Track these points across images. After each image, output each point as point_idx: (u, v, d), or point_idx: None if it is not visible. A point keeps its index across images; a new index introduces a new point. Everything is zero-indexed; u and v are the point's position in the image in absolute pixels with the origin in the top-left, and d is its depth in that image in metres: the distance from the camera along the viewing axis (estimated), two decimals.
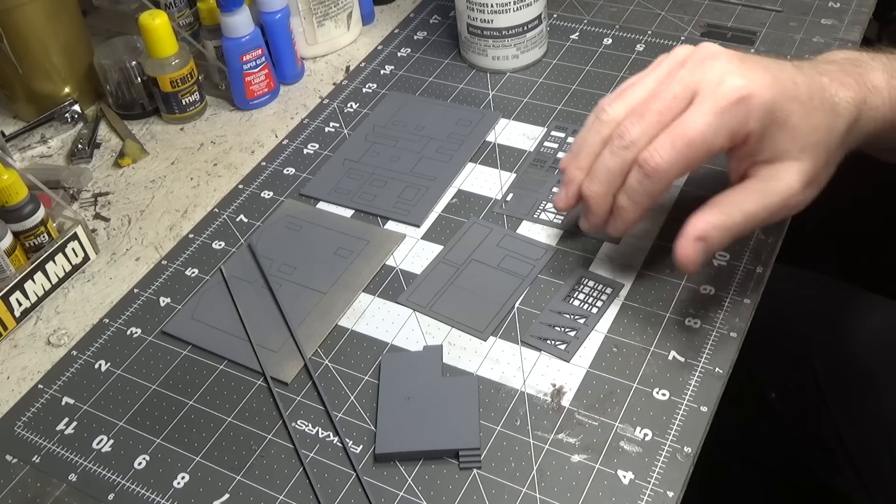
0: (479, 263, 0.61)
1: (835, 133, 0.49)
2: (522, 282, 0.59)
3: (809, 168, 0.49)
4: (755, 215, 0.49)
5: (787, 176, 0.49)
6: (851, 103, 0.50)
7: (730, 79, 0.48)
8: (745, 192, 0.50)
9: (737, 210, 0.49)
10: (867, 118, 0.51)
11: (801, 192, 0.49)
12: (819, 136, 0.49)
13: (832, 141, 0.49)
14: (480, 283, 0.59)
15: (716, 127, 0.47)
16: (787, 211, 0.50)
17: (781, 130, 0.48)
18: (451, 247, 0.62)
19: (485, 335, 0.56)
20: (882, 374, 0.71)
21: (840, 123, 0.49)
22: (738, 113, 0.47)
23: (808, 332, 0.76)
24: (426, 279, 0.60)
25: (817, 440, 0.73)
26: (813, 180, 0.50)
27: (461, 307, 0.58)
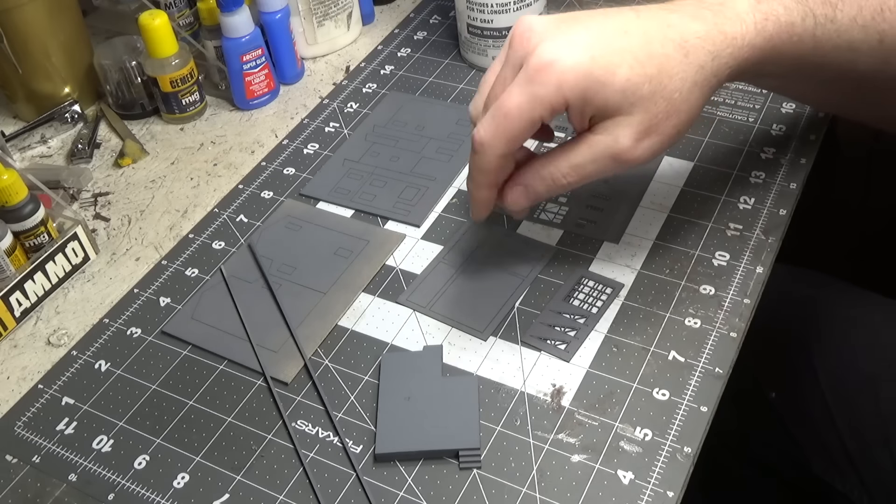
0: (479, 263, 0.61)
1: (681, 75, 0.48)
2: (522, 282, 0.59)
3: (641, 121, 0.48)
4: (583, 167, 0.50)
5: (616, 130, 0.49)
6: (704, 37, 0.49)
7: (539, 49, 0.48)
8: (577, 145, 0.50)
9: (566, 163, 0.50)
10: (728, 48, 0.49)
11: (632, 146, 0.49)
12: (653, 87, 0.48)
13: (675, 85, 0.48)
14: (480, 283, 0.59)
15: (527, 97, 0.48)
16: (623, 164, 0.49)
17: (604, 88, 0.48)
18: (451, 247, 0.62)
19: (485, 335, 0.56)
20: (882, 373, 0.71)
21: (690, 63, 0.48)
22: (546, 81, 0.47)
23: (809, 332, 0.76)
24: (426, 279, 0.60)
25: (817, 440, 0.73)
26: (648, 131, 0.49)
27: (461, 307, 0.58)
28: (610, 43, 0.48)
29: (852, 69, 0.53)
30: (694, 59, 0.49)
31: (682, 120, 0.50)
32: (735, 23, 0.49)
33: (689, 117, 0.50)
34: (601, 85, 0.47)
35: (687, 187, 0.64)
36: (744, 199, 0.63)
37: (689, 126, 0.51)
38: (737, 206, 0.62)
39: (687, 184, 0.65)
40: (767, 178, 0.64)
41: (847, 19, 0.51)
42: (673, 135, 0.50)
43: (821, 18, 0.51)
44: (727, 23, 0.49)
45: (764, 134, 0.68)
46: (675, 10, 0.50)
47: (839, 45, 0.51)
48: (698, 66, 0.49)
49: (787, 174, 0.64)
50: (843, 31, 0.51)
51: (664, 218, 0.62)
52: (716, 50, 0.49)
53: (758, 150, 0.67)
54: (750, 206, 0.62)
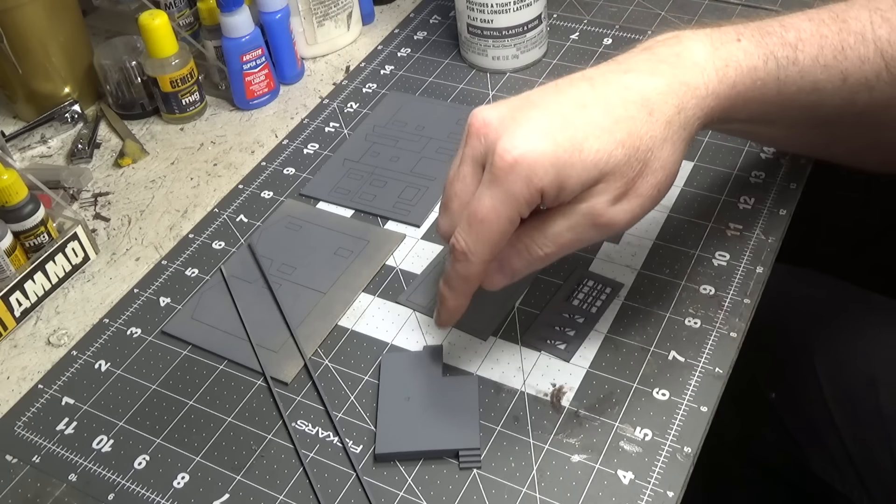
0: None
1: (650, 134, 0.46)
2: (522, 282, 0.59)
3: (617, 186, 0.46)
4: (560, 236, 0.48)
5: (592, 198, 0.46)
6: (666, 92, 0.47)
7: (500, 144, 0.45)
8: (552, 213, 0.48)
9: (539, 233, 0.48)
10: (693, 99, 0.47)
11: (608, 209, 0.47)
12: (626, 150, 0.46)
13: (646, 145, 0.46)
14: None
15: (501, 198, 0.46)
16: (602, 228, 0.47)
17: (575, 168, 0.45)
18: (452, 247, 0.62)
19: (485, 335, 0.56)
20: (882, 373, 0.71)
21: (655, 120, 0.46)
22: (515, 179, 0.45)
23: (809, 332, 0.76)
24: (426, 279, 0.60)
25: (817, 440, 0.73)
26: (625, 193, 0.47)
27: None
28: (570, 121, 0.46)
29: (818, 109, 0.52)
30: (659, 115, 0.47)
31: (659, 179, 0.47)
32: (695, 73, 0.48)
33: (666, 175, 0.48)
34: (571, 166, 0.45)
35: (687, 187, 0.64)
36: (744, 199, 0.63)
37: (668, 185, 0.48)
38: (737, 206, 0.62)
39: (687, 184, 0.65)
40: (767, 178, 0.64)
41: (809, 60, 0.50)
42: (653, 195, 0.48)
43: (783, 61, 0.49)
44: (687, 73, 0.48)
45: None
46: (630, 69, 0.48)
47: (803, 87, 0.50)
48: (665, 122, 0.47)
49: (787, 174, 0.64)
50: (806, 72, 0.50)
51: (664, 218, 0.62)
52: (680, 103, 0.47)
53: (758, 150, 0.67)
54: (750, 206, 0.62)
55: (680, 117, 0.47)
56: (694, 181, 0.65)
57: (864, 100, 0.52)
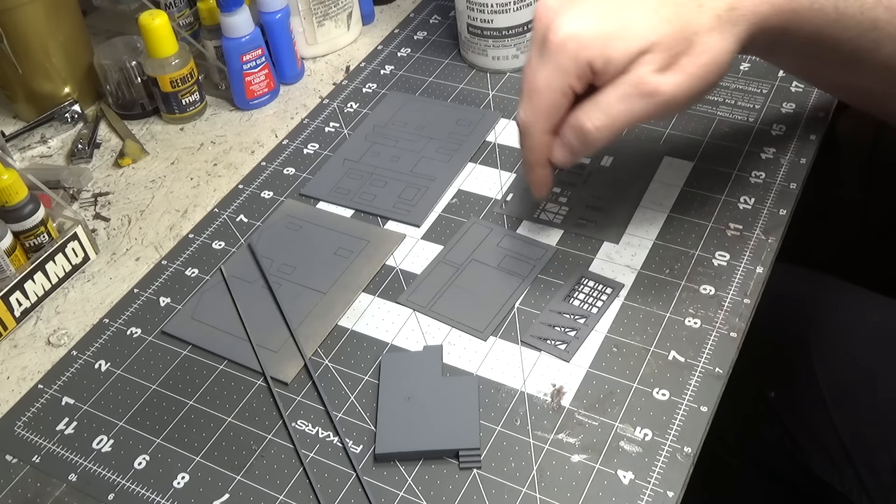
0: (479, 263, 0.61)
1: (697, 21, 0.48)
2: (522, 282, 0.59)
3: (662, 57, 0.48)
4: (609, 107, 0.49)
5: (637, 67, 0.49)
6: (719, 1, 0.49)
7: (555, 23, 0.50)
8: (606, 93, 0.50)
9: (591, 105, 0.50)
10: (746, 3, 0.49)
11: (654, 76, 0.48)
12: (672, 26, 0.48)
13: (693, 28, 0.48)
14: (480, 283, 0.59)
15: (553, 71, 0.50)
16: (650, 96, 0.49)
17: (621, 39, 0.48)
18: (451, 247, 0.62)
19: (485, 335, 0.56)
20: (881, 373, 0.71)
21: (704, 11, 0.48)
22: (564, 51, 0.49)
23: (808, 332, 0.76)
24: (426, 279, 0.60)
25: (817, 440, 0.73)
26: (669, 64, 0.48)
27: (461, 307, 0.58)
28: (621, 5, 0.49)
29: (875, 50, 0.52)
30: (708, 8, 0.49)
31: (705, 61, 0.49)
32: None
33: (714, 60, 0.49)
34: (617, 38, 0.48)
35: (687, 187, 0.64)
36: (744, 199, 0.63)
37: (715, 73, 0.49)
38: (737, 206, 0.62)
39: (687, 184, 0.65)
40: (767, 178, 0.64)
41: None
42: (699, 75, 0.49)
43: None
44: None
45: (764, 134, 0.68)
46: None
47: (862, 22, 0.51)
48: (714, 15, 0.49)
49: (787, 174, 0.64)
50: (868, 8, 0.51)
51: (664, 218, 0.62)
52: (733, 1, 0.49)
53: (758, 150, 0.67)
54: (750, 206, 0.62)
55: (731, 14, 0.49)
56: (694, 181, 0.65)
57: None
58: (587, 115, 0.50)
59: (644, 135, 0.69)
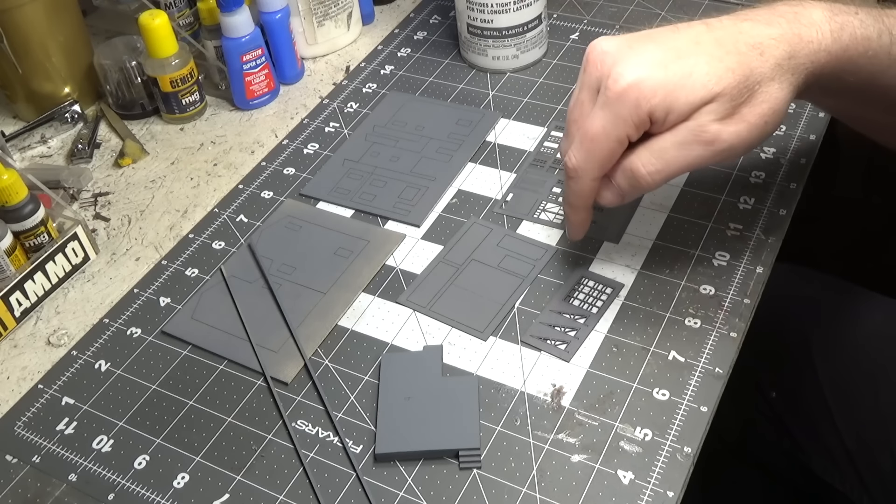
0: (479, 263, 0.61)
1: (759, 70, 0.49)
2: (522, 282, 0.59)
3: (724, 108, 0.48)
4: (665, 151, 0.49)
5: (699, 116, 0.49)
6: (779, 39, 0.49)
7: (615, 70, 0.49)
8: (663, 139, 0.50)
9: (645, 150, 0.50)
10: (804, 52, 0.50)
11: (715, 126, 0.48)
12: (735, 76, 0.48)
13: (755, 78, 0.49)
14: (480, 283, 0.59)
15: (610, 119, 0.49)
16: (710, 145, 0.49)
17: (685, 90, 0.48)
18: (451, 247, 0.62)
19: (485, 335, 0.56)
20: (883, 372, 0.71)
21: (765, 60, 0.49)
22: (626, 100, 0.48)
23: (809, 331, 0.76)
24: (426, 279, 0.60)
25: (818, 439, 0.73)
26: (731, 114, 0.49)
27: (461, 307, 0.58)
28: (682, 52, 0.49)
29: None
30: (770, 57, 0.49)
31: (764, 110, 0.49)
32: (810, 29, 0.50)
33: (773, 109, 0.49)
34: (681, 88, 0.48)
35: (687, 187, 0.64)
36: (744, 199, 0.63)
37: (774, 121, 0.50)
38: (737, 206, 0.62)
39: (687, 184, 0.65)
40: (767, 178, 0.64)
41: None
42: (759, 125, 0.49)
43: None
44: (803, 28, 0.50)
45: None
46: (748, 18, 0.51)
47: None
48: (775, 64, 0.49)
49: (787, 174, 0.64)
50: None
51: (664, 218, 0.62)
52: (792, 50, 0.49)
53: (758, 151, 0.67)
54: (750, 206, 0.62)
55: (790, 63, 0.49)
56: (694, 181, 0.65)
57: None
58: (641, 161, 0.50)
59: None
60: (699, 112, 0.48)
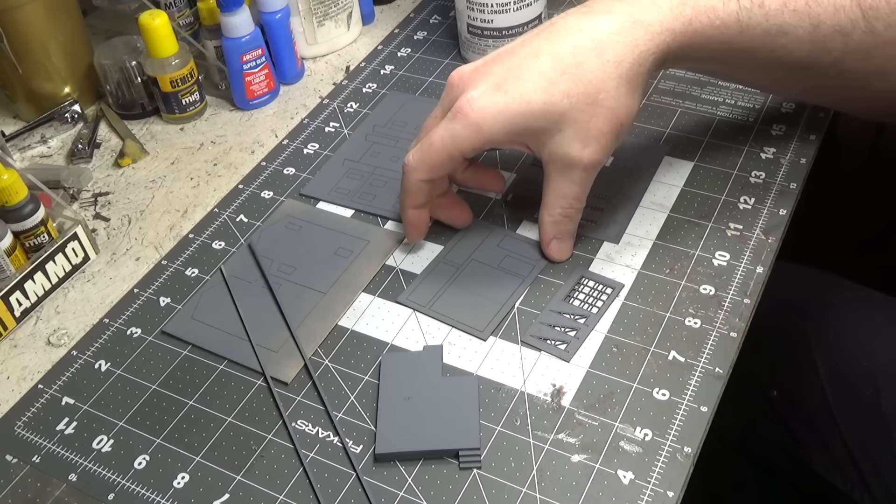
0: (479, 263, 0.61)
1: (600, 76, 0.50)
2: (522, 282, 0.59)
3: (576, 132, 0.52)
4: (573, 192, 0.55)
5: (561, 150, 0.53)
6: (618, 31, 0.51)
7: (464, 95, 0.52)
8: (552, 179, 0.55)
9: (559, 198, 0.56)
10: (646, 35, 0.51)
11: (582, 154, 0.52)
12: (572, 100, 0.51)
13: (595, 88, 0.51)
14: (480, 283, 0.59)
15: (449, 133, 0.53)
16: (592, 170, 0.54)
17: (525, 118, 0.51)
18: (452, 247, 0.62)
19: (484, 335, 0.56)
20: (883, 372, 0.71)
21: (606, 61, 0.50)
22: (465, 122, 0.52)
23: (809, 331, 0.76)
24: (426, 279, 0.60)
25: (818, 439, 0.73)
26: (587, 137, 0.52)
27: (461, 307, 0.58)
28: (522, 73, 0.52)
29: (788, 54, 0.54)
30: (610, 55, 0.51)
31: (618, 115, 0.52)
32: (651, 10, 0.51)
33: (626, 110, 0.52)
34: (520, 117, 0.51)
35: (687, 187, 0.64)
36: (744, 199, 0.63)
37: (630, 116, 0.53)
38: (737, 206, 0.62)
39: (687, 184, 0.65)
40: (767, 178, 0.64)
41: (776, 4, 0.52)
42: (616, 130, 0.52)
43: (745, 3, 0.52)
44: (641, 11, 0.51)
45: (764, 134, 0.68)
46: (589, 10, 0.53)
47: (769, 30, 0.52)
48: (616, 62, 0.51)
49: (787, 174, 0.64)
50: (772, 15, 0.52)
51: (664, 218, 0.62)
52: (633, 41, 0.51)
53: (758, 150, 0.67)
54: (750, 206, 0.62)
55: (633, 54, 0.51)
56: (694, 181, 0.65)
57: (840, 48, 0.53)
58: (562, 206, 0.56)
59: (644, 135, 0.69)
60: (556, 144, 0.52)
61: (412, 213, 0.59)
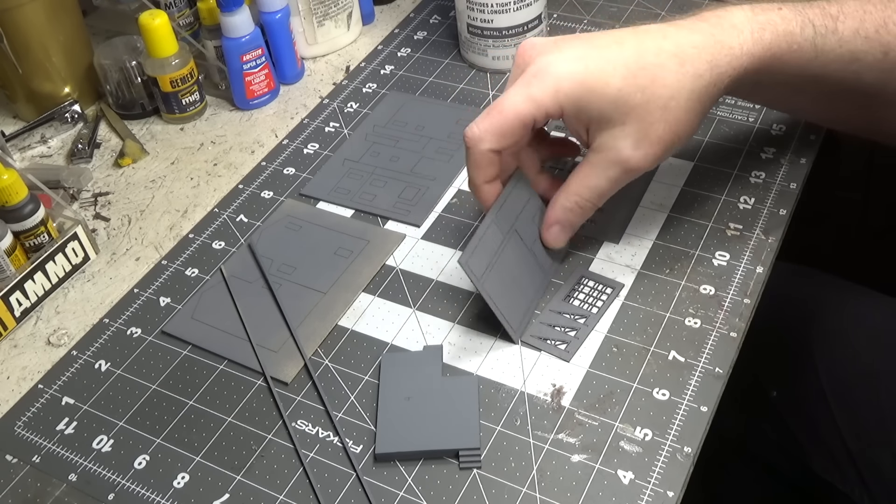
0: (518, 239, 0.56)
1: (676, 84, 0.50)
2: (544, 277, 0.58)
3: (637, 129, 0.51)
4: (600, 188, 0.53)
5: (615, 142, 0.51)
6: (702, 48, 0.51)
7: (538, 59, 0.52)
8: (588, 166, 0.53)
9: (584, 188, 0.54)
10: (726, 58, 0.51)
11: (633, 154, 0.51)
12: (646, 96, 0.50)
13: (669, 93, 0.50)
14: (517, 265, 0.56)
15: (522, 96, 0.51)
16: (631, 171, 0.52)
17: (598, 97, 0.50)
18: (502, 204, 0.55)
19: (517, 336, 0.55)
20: (884, 372, 0.71)
21: (685, 72, 0.50)
22: (542, 84, 0.51)
23: (810, 331, 0.76)
24: (481, 243, 0.54)
25: (819, 439, 0.73)
26: (645, 139, 0.51)
27: (504, 294, 0.54)
28: (604, 54, 0.51)
29: (857, 80, 0.54)
30: (690, 67, 0.51)
31: (680, 128, 0.51)
32: (732, 34, 0.51)
33: (688, 125, 0.52)
34: (594, 94, 0.50)
35: (687, 187, 0.64)
36: (744, 199, 0.63)
37: (689, 134, 0.52)
38: (737, 206, 0.62)
39: (687, 184, 0.65)
40: (767, 178, 0.64)
41: (849, 31, 0.52)
42: (672, 141, 0.52)
43: (820, 28, 0.52)
44: (724, 34, 0.51)
45: (764, 134, 0.68)
46: (673, 24, 0.53)
47: (842, 56, 0.53)
48: (695, 74, 0.51)
49: (787, 174, 0.64)
50: (846, 42, 0.52)
51: (664, 218, 0.62)
52: (713, 59, 0.51)
53: (758, 150, 0.67)
54: (750, 206, 0.62)
55: (711, 73, 0.51)
56: (694, 181, 0.65)
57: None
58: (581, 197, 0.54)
59: None
60: (613, 136, 0.51)
61: (486, 188, 0.54)
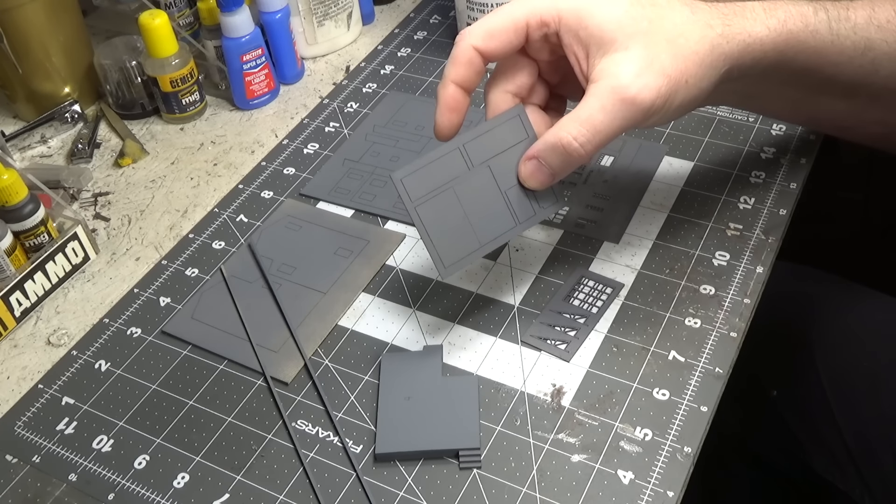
0: (491, 176, 0.51)
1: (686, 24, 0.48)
2: (515, 227, 0.52)
3: (640, 55, 0.47)
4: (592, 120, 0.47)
5: (615, 67, 0.47)
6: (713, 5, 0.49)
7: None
8: (583, 99, 0.48)
9: (573, 120, 0.48)
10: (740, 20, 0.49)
11: (632, 81, 0.46)
12: (653, 26, 0.47)
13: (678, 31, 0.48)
14: (477, 202, 0.51)
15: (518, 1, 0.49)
16: (631, 104, 0.47)
17: (602, 13, 0.47)
18: (477, 136, 0.51)
19: (444, 274, 0.50)
20: (884, 371, 0.71)
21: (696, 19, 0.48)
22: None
23: (810, 330, 0.76)
24: (429, 165, 0.50)
25: (819, 438, 0.73)
26: (648, 66, 0.46)
27: (442, 224, 0.50)
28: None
29: (874, 73, 0.53)
30: (701, 16, 0.48)
31: (689, 69, 0.47)
32: (744, 7, 0.50)
33: (697, 73, 0.48)
34: (596, 15, 0.47)
35: (687, 187, 0.64)
36: (744, 199, 0.63)
37: (698, 86, 0.48)
38: (737, 206, 0.62)
39: (687, 184, 0.65)
40: (767, 178, 0.64)
41: (862, 18, 0.52)
42: (678, 82, 0.47)
43: (833, 13, 0.51)
44: (736, 7, 0.50)
45: (764, 134, 0.68)
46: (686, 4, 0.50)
47: (857, 43, 0.52)
48: (706, 23, 0.48)
49: (787, 174, 0.64)
50: (860, 28, 0.52)
51: (664, 218, 0.62)
52: (726, 18, 0.49)
53: (758, 150, 0.67)
54: (750, 206, 0.62)
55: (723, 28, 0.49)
56: (694, 181, 0.65)
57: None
58: (572, 134, 0.48)
59: (644, 135, 0.69)
60: (614, 61, 0.47)
61: (451, 89, 0.50)
